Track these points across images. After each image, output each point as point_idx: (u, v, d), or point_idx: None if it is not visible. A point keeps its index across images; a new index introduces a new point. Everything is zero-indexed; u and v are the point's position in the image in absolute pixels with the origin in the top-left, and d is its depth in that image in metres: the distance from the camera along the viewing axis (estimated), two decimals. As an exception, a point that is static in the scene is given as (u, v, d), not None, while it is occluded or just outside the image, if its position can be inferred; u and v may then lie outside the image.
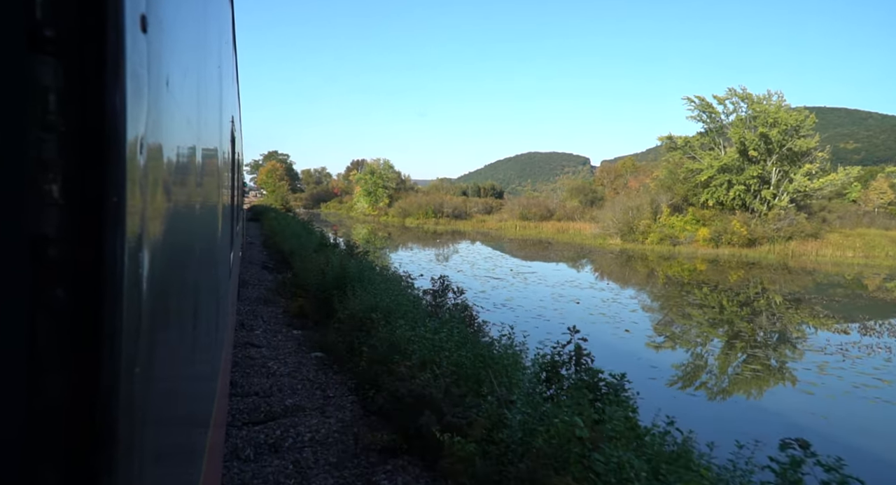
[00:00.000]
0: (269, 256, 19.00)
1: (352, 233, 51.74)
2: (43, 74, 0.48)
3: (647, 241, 42.83)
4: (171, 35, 0.84)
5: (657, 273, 27.50)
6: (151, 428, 0.73)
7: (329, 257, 10.09)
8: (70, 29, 0.49)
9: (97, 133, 0.51)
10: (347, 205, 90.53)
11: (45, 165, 0.49)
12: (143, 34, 0.61)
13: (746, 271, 29.49)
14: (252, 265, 15.96)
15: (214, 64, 2.08)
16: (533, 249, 39.98)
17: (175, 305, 0.98)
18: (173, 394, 1.01)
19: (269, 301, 10.46)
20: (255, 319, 8.89)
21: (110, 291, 0.52)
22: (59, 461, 0.50)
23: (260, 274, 14.36)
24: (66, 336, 0.50)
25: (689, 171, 45.74)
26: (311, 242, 14.54)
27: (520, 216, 64.26)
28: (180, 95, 0.97)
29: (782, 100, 44.06)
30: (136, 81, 0.57)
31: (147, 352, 0.67)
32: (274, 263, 16.29)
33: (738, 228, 39.91)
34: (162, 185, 0.78)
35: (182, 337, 1.12)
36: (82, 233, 0.50)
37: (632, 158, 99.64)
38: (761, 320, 16.72)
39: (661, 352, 12.61)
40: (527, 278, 22.92)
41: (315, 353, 7.09)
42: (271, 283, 12.92)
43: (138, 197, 0.60)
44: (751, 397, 9.79)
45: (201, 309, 1.58)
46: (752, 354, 12.62)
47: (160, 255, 0.76)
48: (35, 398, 0.49)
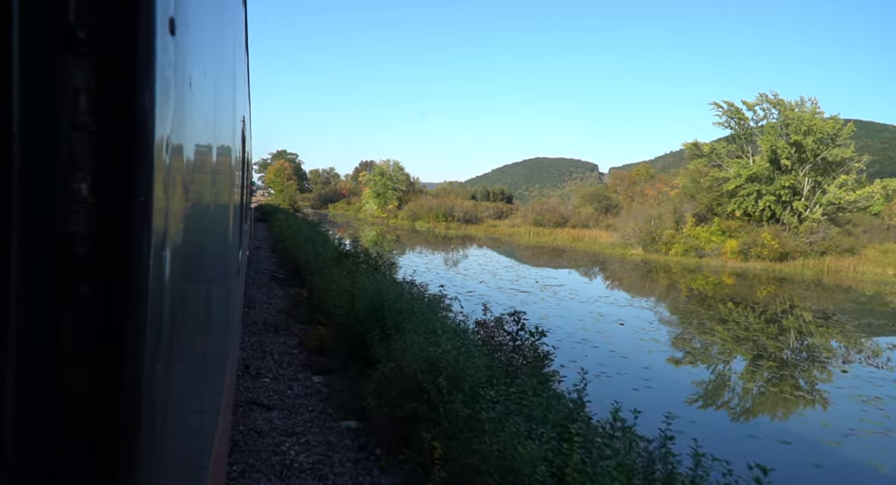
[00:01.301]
0: (279, 265, 16.86)
1: (360, 235, 50.09)
2: (75, 75, 0.49)
3: (670, 252, 40.83)
4: (194, 37, 0.85)
5: (695, 289, 25.51)
6: (170, 422, 0.74)
7: (354, 274, 8.27)
8: (102, 31, 0.50)
9: (127, 133, 0.52)
10: (356, 206, 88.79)
11: (75, 164, 0.50)
12: (171, 36, 0.61)
13: (792, 288, 27.48)
14: (259, 275, 14.07)
15: (229, 64, 2.10)
16: (552, 258, 38.08)
17: (192, 302, 0.99)
18: (189, 389, 1.02)
19: (281, 328, 8.38)
20: (264, 358, 6.81)
21: (135, 289, 0.53)
22: (83, 454, 0.51)
23: (268, 288, 12.30)
24: (90, 332, 0.51)
25: (715, 179, 43.69)
26: (327, 251, 12.65)
27: (533, 222, 62.49)
28: (200, 96, 0.98)
29: (817, 107, 42.02)
30: (164, 82, 0.58)
31: (167, 348, 0.67)
32: (284, 274, 14.32)
33: (769, 240, 37.82)
34: (182, 184, 0.78)
35: (197, 333, 1.13)
36: (110, 231, 0.51)
37: (646, 166, 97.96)
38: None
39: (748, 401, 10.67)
40: (556, 292, 21.02)
41: (348, 422, 5.06)
42: (282, 300, 10.93)
43: (163, 196, 0.61)
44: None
45: (214, 305, 1.58)
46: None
47: (181, 253, 0.77)
48: (59, 392, 0.50)
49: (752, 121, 43.85)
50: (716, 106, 44.58)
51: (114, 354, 0.52)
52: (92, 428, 0.51)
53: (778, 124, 41.64)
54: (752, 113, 43.64)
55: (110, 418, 0.52)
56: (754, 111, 43.56)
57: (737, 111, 43.80)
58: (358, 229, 59.24)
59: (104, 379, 0.52)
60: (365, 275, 8.14)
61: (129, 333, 0.53)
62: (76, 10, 0.49)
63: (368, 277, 8.07)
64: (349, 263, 10.56)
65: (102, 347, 0.51)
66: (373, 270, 10.66)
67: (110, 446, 0.52)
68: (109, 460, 0.52)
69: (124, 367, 0.52)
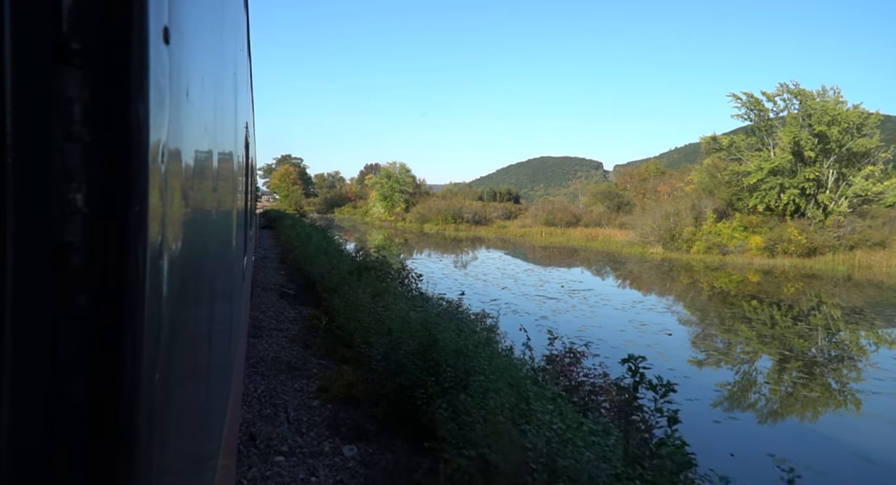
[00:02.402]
0: (288, 278, 15.05)
1: (368, 239, 48.74)
2: (69, 86, 0.50)
3: (692, 249, 39.24)
4: (191, 45, 0.84)
5: (729, 291, 23.92)
6: (170, 432, 0.73)
7: (381, 293, 6.83)
8: (95, 41, 0.50)
9: (121, 143, 0.52)
10: (362, 210, 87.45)
11: (69, 175, 0.50)
12: (165, 46, 0.61)
13: (834, 285, 25.87)
14: (267, 292, 12.25)
15: (230, 71, 2.09)
16: (571, 259, 36.55)
17: (193, 310, 0.98)
18: (191, 398, 1.00)
19: (296, 367, 6.60)
20: (275, 418, 5.07)
21: (131, 298, 0.53)
22: (80, 465, 0.51)
23: (278, 308, 10.50)
24: (87, 341, 0.51)
25: (734, 173, 42.03)
26: (343, 263, 11.15)
27: (545, 222, 61.07)
28: (199, 104, 0.97)
29: (839, 96, 40.35)
30: (158, 92, 0.58)
31: (167, 356, 0.67)
32: (295, 289, 12.60)
33: (796, 235, 36.14)
34: (181, 192, 0.78)
35: (199, 341, 1.11)
36: (105, 241, 0.51)
37: (655, 162, 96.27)
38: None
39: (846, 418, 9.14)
40: (587, 298, 19.51)
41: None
42: (295, 324, 9.11)
43: (159, 205, 0.61)
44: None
45: (217, 313, 1.56)
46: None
47: (179, 261, 0.77)
48: (56, 402, 0.50)
49: (771, 112, 42.22)
50: (734, 97, 42.93)
51: (111, 363, 0.51)
52: (89, 438, 0.51)
53: (799, 115, 40.01)
54: (772, 104, 42.01)
55: (108, 427, 0.51)
56: (774, 102, 41.93)
57: (756, 102, 42.12)
58: (365, 233, 57.89)
59: (101, 389, 0.51)
60: (398, 297, 6.66)
61: (127, 342, 0.52)
62: (70, 20, 0.49)
63: (405, 301, 6.58)
64: (371, 277, 9.09)
65: (100, 356, 0.51)
66: (400, 284, 9.21)
67: (108, 457, 0.52)
68: (107, 470, 0.52)
69: (122, 376, 0.52)
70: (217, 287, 1.56)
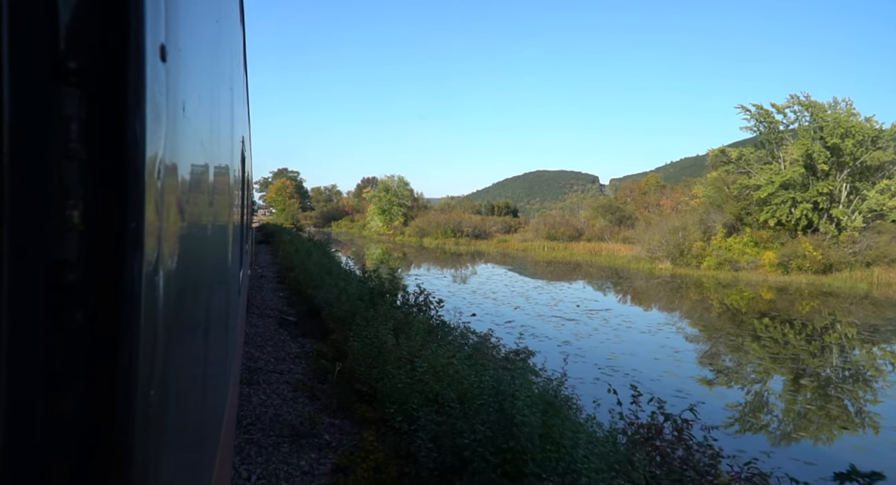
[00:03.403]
0: (288, 301, 13.33)
1: (365, 254, 47.29)
2: (66, 104, 0.50)
3: (702, 265, 37.95)
4: (187, 62, 0.84)
5: (757, 310, 22.59)
6: (165, 450, 0.73)
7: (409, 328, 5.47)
8: (93, 60, 0.51)
9: (118, 160, 0.52)
10: (360, 223, 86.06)
11: (66, 192, 0.50)
12: (162, 63, 0.62)
13: (856, 305, 24.58)
14: (264, 319, 10.58)
15: (227, 86, 2.08)
16: (577, 275, 35.18)
17: (189, 327, 0.98)
18: (187, 415, 0.99)
19: (302, 432, 4.98)
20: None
21: (128, 315, 0.53)
22: (76, 483, 0.51)
23: (277, 341, 8.71)
24: (83, 358, 0.51)
25: (744, 187, 40.89)
26: (351, 286, 9.70)
27: (547, 236, 59.82)
28: (195, 120, 0.97)
29: (851, 108, 39.40)
30: (155, 109, 0.58)
31: (162, 372, 0.67)
32: (296, 315, 11.02)
33: (811, 251, 34.90)
34: (177, 208, 0.78)
35: (195, 357, 1.11)
36: (102, 258, 0.52)
37: (655, 176, 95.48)
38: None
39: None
40: (606, 319, 18.15)
41: None
42: (298, 364, 7.43)
43: (156, 220, 0.61)
44: None
45: (213, 328, 1.55)
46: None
47: (176, 277, 0.77)
48: (51, 419, 0.50)
49: (781, 124, 41.19)
50: (743, 110, 41.94)
51: (106, 380, 0.51)
52: (84, 456, 0.51)
53: (811, 128, 39.00)
54: (781, 116, 41.01)
55: (103, 445, 0.51)
56: (784, 114, 40.93)
57: (766, 114, 41.09)
58: (363, 247, 56.48)
59: (97, 406, 0.51)
60: (427, 333, 5.31)
61: (123, 358, 0.52)
62: (67, 40, 0.49)
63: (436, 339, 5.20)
64: (387, 305, 7.70)
65: (95, 373, 0.51)
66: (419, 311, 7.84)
67: (103, 475, 0.51)
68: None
69: (117, 393, 0.52)
70: (213, 302, 1.53)
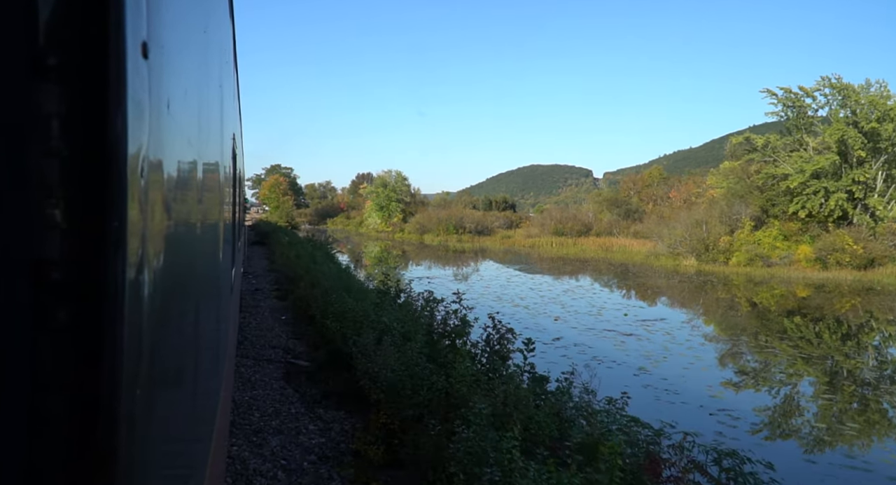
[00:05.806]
0: (294, 330, 10.07)
1: (364, 251, 44.41)
2: (46, 101, 0.50)
3: (730, 261, 35.21)
4: (172, 58, 0.83)
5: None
6: (152, 451, 0.72)
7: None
8: (73, 57, 0.50)
9: (99, 158, 0.52)
10: (356, 220, 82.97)
11: (48, 190, 0.50)
12: (144, 60, 0.61)
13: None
14: (260, 365, 7.57)
15: (215, 83, 2.07)
16: (601, 275, 32.35)
17: (177, 326, 0.97)
18: (175, 414, 0.99)
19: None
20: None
21: (111, 314, 0.53)
22: (60, 482, 0.51)
23: (284, 413, 6.05)
24: (67, 358, 0.51)
25: (770, 176, 38.16)
26: (387, 314, 6.73)
27: (554, 232, 56.92)
28: (181, 117, 0.97)
29: (886, 90, 36.63)
30: (137, 106, 0.58)
31: (148, 371, 0.66)
32: (308, 356, 8.01)
33: (851, 244, 32.17)
34: (163, 205, 0.78)
35: (184, 356, 1.10)
36: (84, 256, 0.51)
37: (658, 168, 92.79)
38: None
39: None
40: (669, 332, 15.45)
41: None
42: (322, 465, 4.66)
43: (139, 218, 0.61)
44: None
45: (203, 328, 1.55)
46: None
47: (161, 275, 0.76)
48: (36, 418, 0.50)
49: (810, 109, 38.46)
50: (769, 93, 39.18)
51: (91, 379, 0.51)
52: (69, 456, 0.51)
53: (844, 111, 36.30)
54: (810, 100, 38.27)
55: (87, 445, 0.51)
56: (814, 98, 38.20)
57: (795, 98, 38.31)
58: (359, 245, 53.49)
59: (82, 405, 0.51)
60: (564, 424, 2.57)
61: (107, 357, 0.52)
62: (46, 36, 0.49)
63: None
64: (459, 356, 4.82)
65: (79, 372, 0.51)
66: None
67: (87, 475, 0.51)
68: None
69: (102, 392, 0.52)
70: (203, 301, 1.51)
